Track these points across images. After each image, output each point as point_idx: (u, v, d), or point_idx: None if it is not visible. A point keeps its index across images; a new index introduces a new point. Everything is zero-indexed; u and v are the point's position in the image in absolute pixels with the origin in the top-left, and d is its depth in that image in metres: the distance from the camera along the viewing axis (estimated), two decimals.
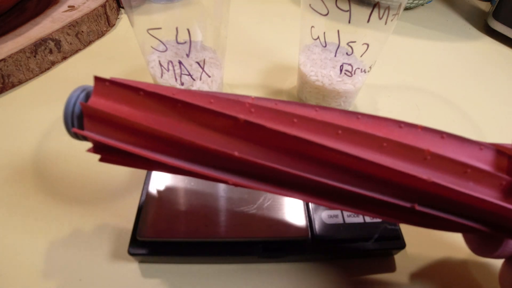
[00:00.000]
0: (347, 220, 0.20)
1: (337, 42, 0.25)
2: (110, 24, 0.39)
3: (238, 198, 0.20)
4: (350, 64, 0.27)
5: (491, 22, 0.43)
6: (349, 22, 0.23)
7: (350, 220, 0.20)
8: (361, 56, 0.26)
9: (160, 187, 0.20)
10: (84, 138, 0.15)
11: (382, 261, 0.21)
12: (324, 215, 0.20)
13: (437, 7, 0.50)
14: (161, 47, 0.24)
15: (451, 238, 0.22)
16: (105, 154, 0.15)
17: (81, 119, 0.14)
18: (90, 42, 0.36)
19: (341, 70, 0.27)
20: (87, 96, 0.15)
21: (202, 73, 0.26)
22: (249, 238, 0.19)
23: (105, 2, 0.37)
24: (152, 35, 0.23)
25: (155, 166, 0.15)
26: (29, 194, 0.23)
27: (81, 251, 0.20)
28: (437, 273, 0.21)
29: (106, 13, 0.37)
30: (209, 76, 0.27)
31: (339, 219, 0.20)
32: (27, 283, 0.19)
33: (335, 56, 0.27)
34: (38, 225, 0.21)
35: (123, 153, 0.14)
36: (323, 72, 0.28)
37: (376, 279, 0.20)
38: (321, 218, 0.20)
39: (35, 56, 0.31)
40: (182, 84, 0.26)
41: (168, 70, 0.26)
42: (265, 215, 0.19)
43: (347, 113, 0.14)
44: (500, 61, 0.40)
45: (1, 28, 0.32)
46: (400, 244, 0.20)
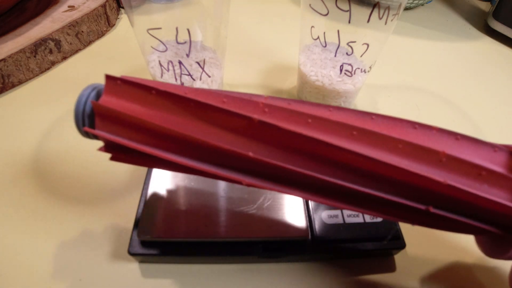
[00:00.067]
0: (347, 220, 0.20)
1: (337, 42, 0.25)
2: (110, 24, 0.39)
3: (238, 198, 0.20)
4: (350, 64, 0.27)
5: (491, 22, 0.43)
6: (349, 22, 0.23)
7: (350, 220, 0.20)
8: (361, 56, 0.26)
9: (160, 187, 0.20)
10: (95, 137, 0.15)
11: (382, 261, 0.21)
12: (324, 215, 0.20)
13: (437, 7, 0.50)
14: (161, 47, 0.24)
15: (451, 238, 0.22)
16: (116, 153, 0.15)
17: (92, 118, 0.14)
18: (90, 42, 0.36)
19: (341, 70, 0.27)
20: (98, 94, 0.15)
21: (202, 73, 0.26)
22: (249, 238, 0.19)
23: (105, 2, 0.37)
24: (152, 35, 0.23)
25: (167, 165, 0.15)
26: (29, 194, 0.23)
27: (81, 251, 0.20)
28: (437, 273, 0.21)
29: (106, 13, 0.37)
30: (209, 76, 0.27)
31: (339, 219, 0.20)
32: (27, 283, 0.19)
33: (335, 56, 0.27)
34: (38, 225, 0.21)
35: (134, 152, 0.14)
36: (323, 72, 0.28)
37: (376, 279, 0.20)
38: (321, 218, 0.20)
39: (35, 56, 0.31)
40: (182, 84, 0.26)
41: (168, 70, 0.26)
42: (265, 215, 0.19)
43: (361, 113, 0.14)
44: (500, 61, 0.40)
45: (1, 28, 0.32)
46: (400, 244, 0.20)
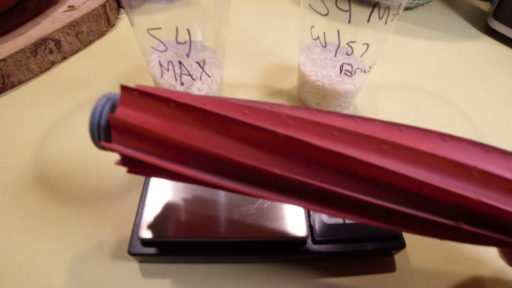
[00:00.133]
0: (347, 220, 0.20)
1: (337, 42, 0.25)
2: (110, 24, 0.39)
3: (238, 198, 0.20)
4: (350, 64, 0.27)
5: (491, 22, 0.43)
6: (349, 22, 0.23)
7: (350, 220, 0.20)
8: (361, 56, 0.26)
9: (160, 187, 0.20)
10: (111, 150, 0.14)
11: (382, 261, 0.21)
12: (324, 215, 0.20)
13: (437, 7, 0.50)
14: (161, 47, 0.24)
15: None
16: (134, 167, 0.14)
17: (108, 131, 0.14)
18: (90, 42, 0.36)
19: (341, 70, 0.27)
20: (113, 105, 0.14)
21: (202, 73, 0.26)
22: (249, 238, 0.19)
23: (105, 2, 0.37)
24: (152, 35, 0.23)
25: (187, 180, 0.14)
26: (28, 194, 0.23)
27: (81, 251, 0.20)
28: (437, 272, 0.21)
29: (106, 13, 0.37)
30: (209, 76, 0.27)
31: (339, 219, 0.20)
32: (27, 283, 0.19)
33: (335, 56, 0.27)
34: (38, 225, 0.21)
35: (153, 166, 0.14)
36: (323, 72, 0.28)
37: (376, 279, 0.20)
38: (321, 218, 0.20)
39: (35, 56, 0.31)
40: (182, 84, 0.26)
41: (168, 70, 0.26)
42: (265, 215, 0.19)
43: (388, 124, 0.13)
44: (500, 61, 0.40)
45: (1, 28, 0.32)
46: (400, 244, 0.20)
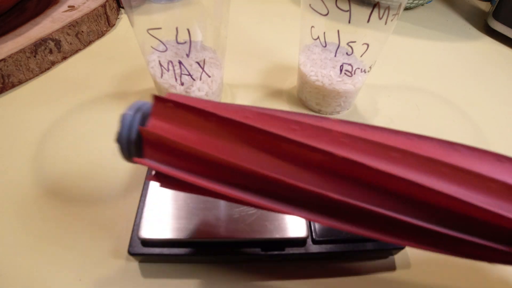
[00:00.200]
0: None
1: (337, 42, 0.25)
2: (110, 24, 0.39)
3: None
4: (350, 64, 0.27)
5: (491, 22, 0.43)
6: (349, 22, 0.23)
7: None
8: (361, 56, 0.26)
9: (160, 187, 0.20)
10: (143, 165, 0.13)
11: (382, 261, 0.21)
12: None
13: (437, 7, 0.50)
14: (161, 47, 0.24)
15: None
16: (169, 183, 0.13)
17: (138, 144, 0.13)
18: (90, 42, 0.36)
19: (341, 70, 0.27)
20: (143, 117, 0.13)
21: (202, 73, 0.26)
22: (249, 238, 0.19)
23: (105, 2, 0.37)
24: (152, 35, 0.23)
25: (227, 199, 0.13)
26: (28, 194, 0.23)
27: (81, 251, 0.20)
28: (437, 272, 0.21)
29: (106, 13, 0.37)
30: (209, 76, 0.27)
31: None
32: (27, 283, 0.19)
33: (335, 56, 0.27)
34: (38, 225, 0.21)
35: (191, 184, 0.13)
36: (323, 72, 0.28)
37: (376, 279, 0.20)
38: None
39: (35, 56, 0.31)
40: (182, 84, 0.26)
41: (168, 70, 0.26)
42: (265, 215, 0.19)
43: (445, 144, 0.13)
44: (500, 61, 0.40)
45: (1, 28, 0.32)
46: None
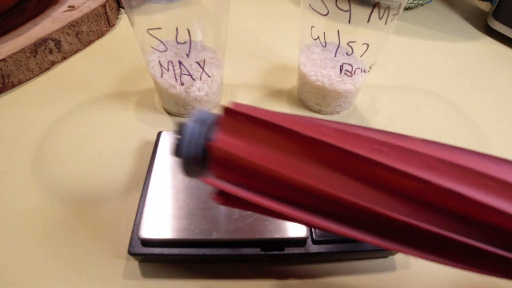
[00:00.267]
0: None
1: (337, 42, 0.25)
2: (110, 24, 0.39)
3: None
4: (350, 64, 0.27)
5: (491, 22, 0.43)
6: (349, 22, 0.23)
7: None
8: (361, 56, 0.26)
9: (160, 187, 0.20)
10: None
11: (382, 261, 0.21)
12: None
13: (437, 7, 0.50)
14: (161, 47, 0.24)
15: None
16: (233, 202, 0.12)
17: (204, 160, 0.12)
18: (90, 42, 0.36)
19: (341, 70, 0.27)
20: (208, 130, 0.12)
21: (202, 73, 0.26)
22: (249, 238, 0.19)
23: (105, 2, 0.37)
24: (152, 35, 0.23)
25: (306, 224, 0.12)
26: (28, 194, 0.23)
27: (81, 251, 0.20)
28: (437, 272, 0.21)
29: (106, 13, 0.37)
30: (209, 76, 0.27)
31: None
32: (28, 283, 0.19)
33: (335, 56, 0.27)
34: (37, 225, 0.21)
35: (259, 206, 0.12)
36: (323, 72, 0.28)
37: (376, 279, 0.20)
38: None
39: (35, 56, 0.31)
40: (182, 84, 0.26)
41: (168, 70, 0.26)
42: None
43: None
44: (500, 61, 0.40)
45: (1, 28, 0.32)
46: None
